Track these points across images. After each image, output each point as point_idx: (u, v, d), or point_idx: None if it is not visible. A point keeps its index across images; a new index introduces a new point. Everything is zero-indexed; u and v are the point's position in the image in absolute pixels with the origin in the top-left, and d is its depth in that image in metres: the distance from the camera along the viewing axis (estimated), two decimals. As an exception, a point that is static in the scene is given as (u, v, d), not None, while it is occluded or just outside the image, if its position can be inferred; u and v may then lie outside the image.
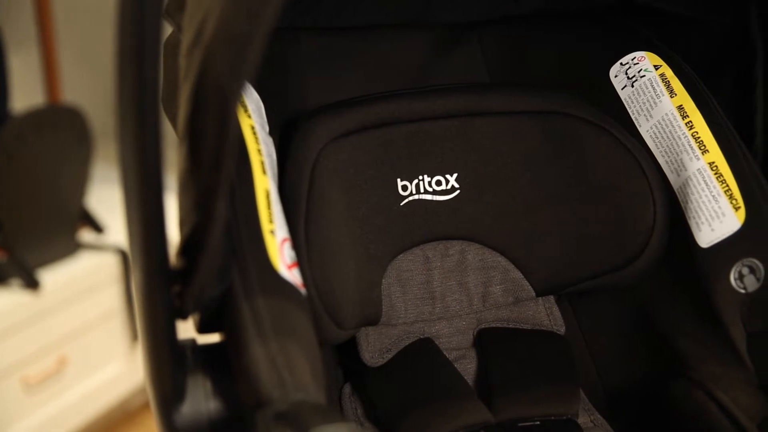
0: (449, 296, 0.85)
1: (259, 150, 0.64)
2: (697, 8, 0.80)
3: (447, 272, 0.85)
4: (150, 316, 0.51)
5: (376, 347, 0.81)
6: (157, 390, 0.54)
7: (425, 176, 0.83)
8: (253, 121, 0.66)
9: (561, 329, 0.86)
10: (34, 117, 1.67)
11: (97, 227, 1.93)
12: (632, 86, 0.82)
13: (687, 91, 0.79)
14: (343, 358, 0.84)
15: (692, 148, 0.77)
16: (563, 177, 0.83)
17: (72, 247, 1.84)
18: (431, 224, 0.84)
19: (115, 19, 0.42)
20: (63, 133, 1.73)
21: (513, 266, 0.86)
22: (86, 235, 1.92)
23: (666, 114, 0.79)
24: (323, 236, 0.74)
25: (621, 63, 0.83)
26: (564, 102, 0.83)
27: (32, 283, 1.69)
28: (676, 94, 0.79)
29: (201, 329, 0.57)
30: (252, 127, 0.65)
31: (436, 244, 0.85)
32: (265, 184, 0.62)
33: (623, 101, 0.82)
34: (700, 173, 0.76)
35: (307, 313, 0.59)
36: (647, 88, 0.80)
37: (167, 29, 0.72)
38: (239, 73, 0.44)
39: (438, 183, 0.83)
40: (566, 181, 0.83)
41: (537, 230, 0.84)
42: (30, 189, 1.71)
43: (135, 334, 1.96)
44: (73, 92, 2.18)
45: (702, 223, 0.75)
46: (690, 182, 0.76)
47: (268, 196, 0.61)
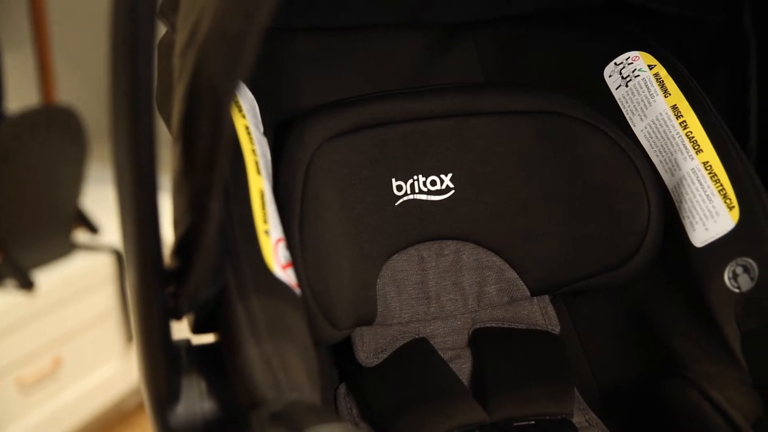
0: (444, 296, 0.85)
1: (254, 150, 0.64)
2: (691, 8, 0.80)
3: (442, 272, 0.85)
4: (144, 317, 0.51)
5: (371, 347, 0.81)
6: (152, 390, 0.54)
7: (420, 176, 0.83)
8: (248, 122, 0.66)
9: (556, 329, 0.86)
10: (29, 118, 1.67)
11: (92, 228, 1.93)
12: (626, 86, 0.82)
13: (681, 91, 0.79)
14: (338, 359, 0.84)
15: (686, 148, 0.77)
16: (558, 177, 0.83)
17: (67, 248, 1.84)
18: (426, 224, 0.84)
19: (109, 19, 0.42)
20: (58, 134, 1.73)
21: (508, 266, 0.86)
22: (81, 236, 1.92)
23: (660, 114, 0.79)
24: (318, 236, 0.74)
25: (615, 63, 0.83)
26: (559, 102, 0.83)
27: (27, 284, 1.69)
28: (670, 94, 0.79)
29: (195, 329, 0.57)
30: (246, 127, 0.65)
31: (431, 244, 0.85)
32: (260, 185, 0.62)
33: (617, 101, 0.82)
34: (695, 173, 0.76)
35: (302, 314, 0.59)
36: (641, 88, 0.81)
37: (161, 29, 0.72)
38: (233, 73, 0.44)
39: (433, 183, 0.83)
40: (561, 181, 0.83)
41: (532, 230, 0.84)
42: (25, 189, 1.71)
43: (130, 335, 1.95)
44: (68, 93, 2.18)
45: (696, 223, 0.75)
46: (684, 182, 0.76)
47: (263, 197, 0.61)
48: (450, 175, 0.84)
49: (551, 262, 0.84)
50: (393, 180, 0.82)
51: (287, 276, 0.59)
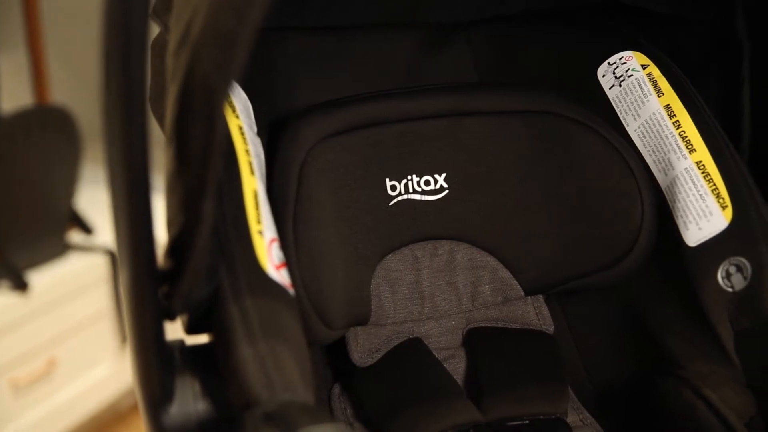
0: (438, 296, 0.85)
1: (247, 150, 0.63)
2: (684, 8, 0.81)
3: (436, 272, 0.85)
4: (138, 317, 0.51)
5: (366, 347, 0.81)
6: (146, 391, 0.54)
7: (414, 176, 0.83)
8: (241, 122, 0.66)
9: (550, 328, 0.86)
10: (23, 118, 1.67)
11: (86, 228, 1.92)
12: (620, 86, 0.82)
13: (674, 91, 0.79)
14: (333, 359, 0.84)
15: (679, 148, 0.77)
16: (551, 177, 0.83)
17: (61, 249, 1.84)
18: (420, 224, 0.84)
19: (101, 19, 0.42)
20: (52, 134, 1.72)
21: (502, 266, 0.86)
22: (75, 237, 1.92)
23: (653, 113, 0.79)
24: (312, 236, 0.74)
25: (608, 63, 0.83)
26: (552, 102, 0.83)
27: (21, 285, 1.69)
28: (664, 94, 0.79)
29: (189, 330, 0.57)
30: (240, 128, 0.65)
31: (425, 244, 0.85)
32: (253, 185, 0.62)
33: (611, 101, 0.82)
34: (688, 172, 0.76)
35: (296, 314, 0.59)
36: (635, 88, 0.81)
37: (154, 29, 0.72)
38: (226, 73, 0.44)
39: (427, 183, 0.83)
40: (554, 181, 0.83)
41: (526, 230, 0.84)
42: (19, 190, 1.71)
43: (124, 336, 1.95)
44: (62, 93, 2.17)
45: (689, 222, 0.75)
46: (677, 181, 0.76)
47: (257, 197, 0.61)
48: (444, 175, 0.84)
49: (545, 262, 0.84)
50: (387, 180, 0.82)
51: (281, 276, 0.59)
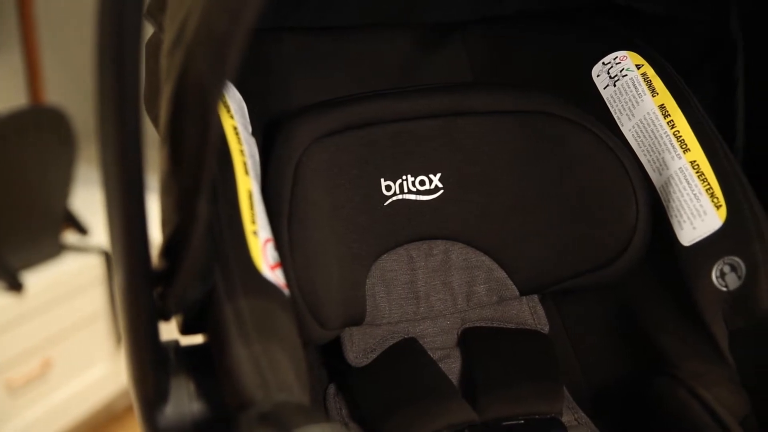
0: (433, 296, 0.85)
1: (242, 150, 0.63)
2: (678, 8, 0.81)
3: (431, 272, 0.85)
4: (132, 318, 0.51)
5: (361, 347, 0.81)
6: (140, 391, 0.53)
7: (409, 176, 0.83)
8: (236, 122, 0.66)
9: (545, 328, 0.86)
10: (18, 118, 1.66)
11: (81, 229, 1.92)
12: (614, 86, 0.82)
13: (668, 90, 0.79)
14: (328, 359, 0.84)
15: (674, 147, 0.77)
16: (546, 176, 0.83)
17: (56, 249, 1.84)
18: (415, 224, 0.84)
19: (95, 19, 0.42)
20: (46, 135, 1.72)
21: (497, 266, 0.86)
22: (70, 237, 1.91)
23: (648, 113, 0.79)
24: (306, 236, 0.74)
25: (603, 62, 0.83)
26: (547, 101, 0.83)
27: (16, 286, 1.68)
28: (658, 93, 0.79)
29: (184, 330, 0.57)
30: (234, 128, 0.65)
31: (420, 244, 0.85)
32: (248, 185, 0.62)
33: (605, 101, 0.83)
34: (682, 172, 0.76)
35: (291, 314, 0.59)
36: (629, 88, 0.81)
37: (148, 29, 0.72)
38: (220, 73, 0.44)
39: (422, 183, 0.83)
40: (549, 181, 0.83)
41: (520, 230, 0.84)
42: (13, 190, 1.71)
43: (119, 336, 1.95)
44: (57, 93, 2.17)
45: (684, 222, 0.75)
46: (672, 181, 0.76)
47: (251, 197, 0.61)
48: (439, 175, 0.84)
49: (540, 262, 0.84)
50: (382, 180, 0.82)
51: (276, 276, 0.59)
